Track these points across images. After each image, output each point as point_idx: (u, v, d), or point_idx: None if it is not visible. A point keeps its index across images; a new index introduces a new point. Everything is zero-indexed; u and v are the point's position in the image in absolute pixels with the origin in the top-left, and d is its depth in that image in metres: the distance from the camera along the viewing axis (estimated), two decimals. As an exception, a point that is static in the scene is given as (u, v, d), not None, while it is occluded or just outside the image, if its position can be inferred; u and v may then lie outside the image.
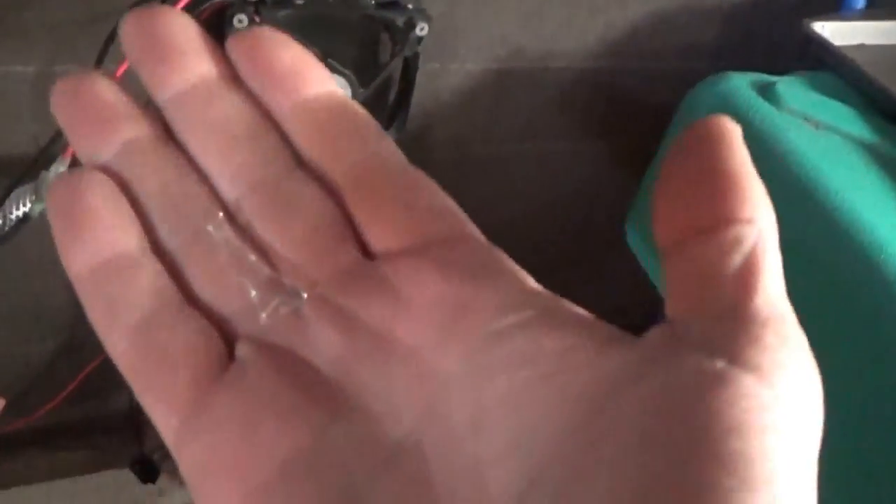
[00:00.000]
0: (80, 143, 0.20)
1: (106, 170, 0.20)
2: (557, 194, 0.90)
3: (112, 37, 0.48)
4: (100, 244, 0.19)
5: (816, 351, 0.57)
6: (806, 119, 0.60)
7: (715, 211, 0.16)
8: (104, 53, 0.48)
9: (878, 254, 0.52)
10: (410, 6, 0.63)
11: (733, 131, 0.17)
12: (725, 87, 0.64)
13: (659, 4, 0.76)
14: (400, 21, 0.63)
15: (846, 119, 0.62)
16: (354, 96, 0.65)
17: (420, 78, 0.69)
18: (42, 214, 0.53)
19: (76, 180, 0.20)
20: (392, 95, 0.69)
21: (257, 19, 0.58)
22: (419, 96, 0.71)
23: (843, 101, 0.63)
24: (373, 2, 0.61)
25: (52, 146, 0.50)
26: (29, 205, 0.51)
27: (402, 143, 0.68)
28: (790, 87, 0.62)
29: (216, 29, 0.59)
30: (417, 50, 0.65)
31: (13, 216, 0.50)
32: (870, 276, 0.52)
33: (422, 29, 0.63)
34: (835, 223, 0.54)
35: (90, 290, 0.19)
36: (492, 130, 0.80)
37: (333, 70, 0.63)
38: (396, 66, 0.67)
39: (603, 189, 0.90)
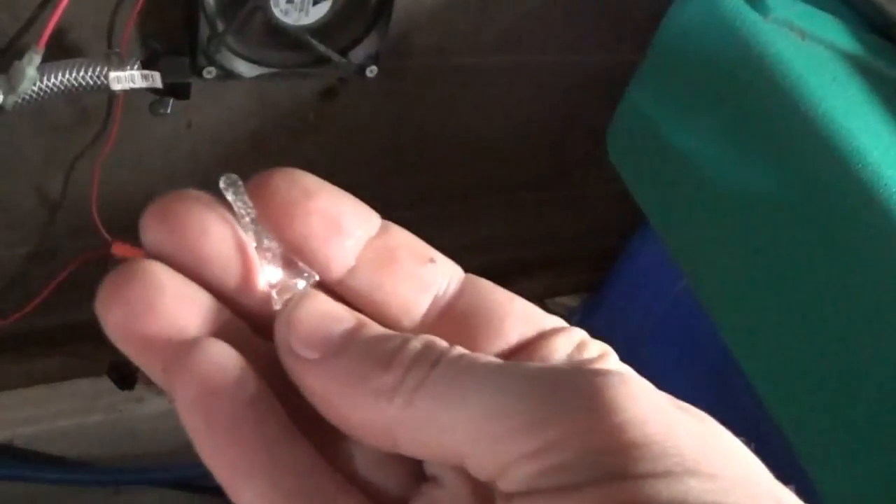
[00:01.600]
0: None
1: None
2: (537, 109, 0.89)
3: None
4: None
5: (793, 256, 0.58)
6: (792, 28, 0.60)
7: None
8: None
9: (857, 161, 0.52)
10: None
11: None
12: (713, -5, 0.63)
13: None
14: (384, -83, 0.61)
15: (832, 30, 0.61)
16: (336, -4, 0.63)
17: (403, -20, 0.67)
18: (13, 108, 0.52)
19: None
20: (374, -2, 0.67)
21: None
22: (402, 0, 0.70)
23: (829, 11, 0.63)
24: None
25: (26, 35, 0.48)
26: (1, 96, 0.50)
27: (384, 43, 0.66)
28: (778, -3, 0.62)
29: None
30: (401, -51, 0.64)
31: (-15, 107, 0.49)
32: (849, 184, 0.52)
33: (406, -74, 0.61)
34: (816, 130, 0.54)
35: None
36: (475, 40, 0.78)
37: (314, -32, 0.61)
38: (379, -34, 0.65)
39: (585, 104, 0.90)
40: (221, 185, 0.19)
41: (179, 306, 0.18)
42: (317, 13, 0.63)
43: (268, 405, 0.17)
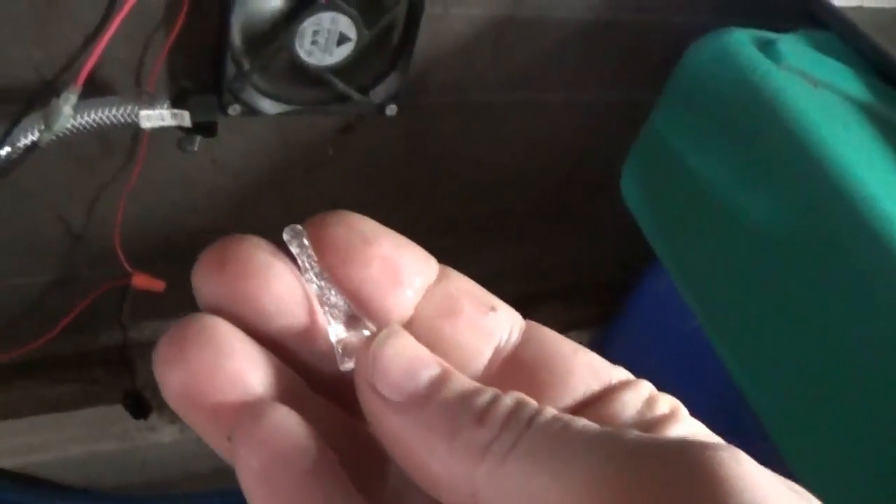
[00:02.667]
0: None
1: None
2: (550, 144, 0.90)
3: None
4: None
5: (802, 295, 0.59)
6: (805, 77, 0.62)
7: None
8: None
9: (869, 208, 0.53)
10: (419, -52, 0.63)
11: None
12: (727, 42, 0.64)
13: (661, -43, 0.77)
14: (408, -38, 0.62)
15: (843, 78, 0.63)
16: (359, 38, 0.65)
17: (423, 21, 0.69)
18: (47, 144, 0.53)
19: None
20: (396, 38, 0.69)
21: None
22: (420, 39, 0.71)
23: (841, 60, 0.64)
24: (382, -59, 0.61)
25: (63, 76, 0.49)
26: (38, 133, 0.51)
27: (404, 83, 0.68)
28: (791, 45, 0.63)
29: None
30: (423, -7, 0.65)
31: (21, 144, 0.50)
32: (860, 230, 0.54)
33: (430, -29, 0.63)
34: (828, 178, 0.56)
35: None
36: (490, 77, 0.80)
37: (338, 9, 0.63)
38: (402, 10, 0.66)
39: (595, 141, 0.91)
40: (286, 237, 0.19)
41: (246, 369, 0.17)
42: (340, 53, 0.65)
43: (334, 474, 0.17)
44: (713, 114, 0.64)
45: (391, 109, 0.71)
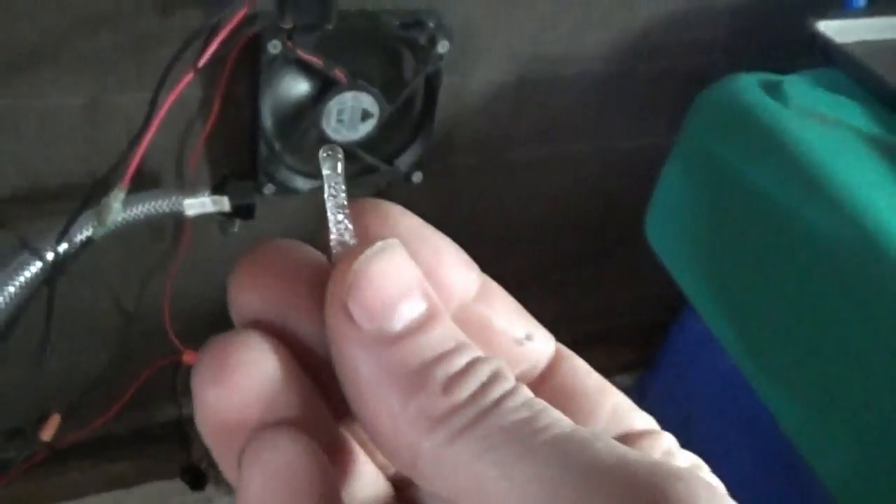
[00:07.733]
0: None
1: None
2: (576, 194, 0.93)
3: (170, 66, 0.51)
4: None
5: (820, 333, 0.60)
6: (813, 115, 0.63)
7: None
8: (161, 84, 0.52)
9: (885, 239, 0.55)
10: (432, 25, 0.66)
11: None
12: (735, 87, 0.67)
13: (668, 6, 0.79)
14: (422, 39, 0.66)
15: (851, 113, 0.64)
16: (381, 112, 0.68)
17: (442, 89, 0.73)
18: (101, 238, 0.57)
19: None
20: (416, 109, 0.72)
21: (290, 44, 0.62)
22: (441, 106, 0.75)
23: (847, 95, 0.66)
24: (397, 22, 0.65)
25: (112, 174, 0.53)
26: (91, 229, 0.55)
27: (427, 150, 0.71)
28: (796, 85, 0.65)
29: (251, 54, 0.62)
30: (439, 66, 0.69)
31: (77, 240, 0.54)
32: (878, 261, 0.55)
33: (443, 46, 0.67)
34: (843, 212, 0.57)
35: None
36: (513, 136, 0.83)
37: (360, 88, 0.66)
38: (420, 83, 0.70)
39: (621, 187, 0.93)
40: (321, 154, 0.17)
41: (262, 387, 0.15)
42: (364, 129, 0.69)
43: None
44: (727, 160, 0.66)
45: (417, 177, 0.74)
